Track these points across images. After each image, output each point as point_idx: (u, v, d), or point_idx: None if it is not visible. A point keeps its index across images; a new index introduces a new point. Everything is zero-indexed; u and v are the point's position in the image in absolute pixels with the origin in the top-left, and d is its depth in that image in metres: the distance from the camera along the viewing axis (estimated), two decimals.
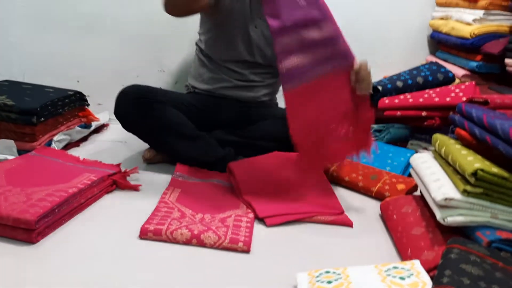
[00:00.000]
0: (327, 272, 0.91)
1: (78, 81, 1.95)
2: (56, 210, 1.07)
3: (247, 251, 1.07)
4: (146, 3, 1.92)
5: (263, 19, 1.59)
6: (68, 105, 1.63)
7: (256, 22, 1.62)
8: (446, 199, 1.02)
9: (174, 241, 1.07)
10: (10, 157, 1.36)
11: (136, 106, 1.48)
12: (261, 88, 1.72)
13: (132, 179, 1.39)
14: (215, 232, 1.09)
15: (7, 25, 1.85)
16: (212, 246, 1.07)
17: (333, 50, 1.23)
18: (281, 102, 1.96)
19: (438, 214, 1.04)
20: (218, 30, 1.63)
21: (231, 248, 1.07)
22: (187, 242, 1.07)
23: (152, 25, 1.95)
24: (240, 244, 1.07)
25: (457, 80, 2.01)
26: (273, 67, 1.70)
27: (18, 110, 1.42)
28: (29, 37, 1.88)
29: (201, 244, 1.07)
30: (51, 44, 1.91)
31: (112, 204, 1.25)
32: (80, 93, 1.70)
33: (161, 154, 1.58)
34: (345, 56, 1.25)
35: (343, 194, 1.51)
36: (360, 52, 2.19)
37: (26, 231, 1.00)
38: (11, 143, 1.40)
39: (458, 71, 2.03)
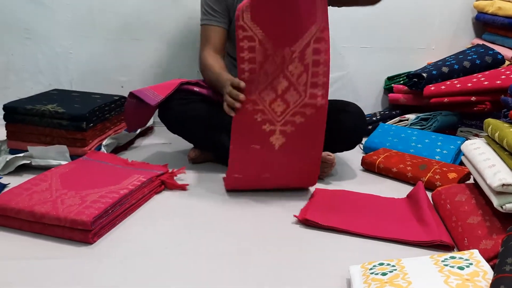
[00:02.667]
0: (381, 264, 0.89)
1: (122, 87, 2.01)
2: (110, 211, 1.10)
3: None
4: (184, 6, 1.95)
5: None
6: (115, 110, 1.68)
7: None
8: (503, 185, 0.97)
9: None
10: (63, 162, 1.41)
11: (179, 108, 1.50)
12: None
13: (179, 179, 1.42)
14: None
15: (54, 37, 1.93)
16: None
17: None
18: None
19: (495, 201, 1.00)
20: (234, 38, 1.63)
21: None
22: None
23: (191, 27, 1.98)
24: None
25: (506, 62, 1.92)
26: None
27: (69, 117, 1.47)
28: (74, 47, 1.95)
29: None
30: (96, 53, 1.98)
31: (161, 203, 1.28)
32: (125, 98, 1.74)
33: (205, 154, 1.60)
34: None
35: (391, 186, 1.48)
36: (402, 39, 2.17)
37: (83, 232, 1.04)
38: (64, 148, 1.45)
39: (508, 53, 1.94)
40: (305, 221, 1.16)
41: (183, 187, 1.37)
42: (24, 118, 1.49)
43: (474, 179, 1.21)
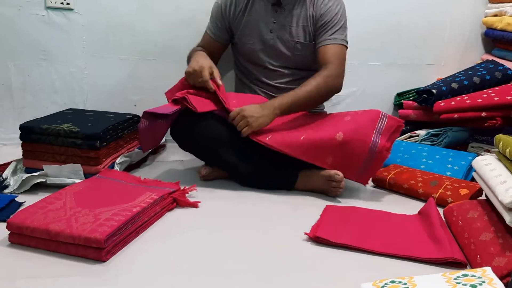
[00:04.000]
0: (393, 281, 0.89)
1: (135, 105, 2.04)
2: (123, 229, 1.11)
3: None
4: (195, 27, 1.99)
5: (277, 23, 1.65)
6: (127, 129, 1.71)
7: (270, 27, 1.66)
8: None
9: None
10: (77, 181, 1.44)
11: (190, 126, 1.53)
12: None
13: (190, 196, 1.43)
14: None
15: (69, 57, 1.97)
16: None
17: None
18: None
19: (508, 218, 1.00)
20: (239, 47, 1.72)
21: None
22: None
23: None
24: None
25: None
26: (301, 69, 1.71)
27: (83, 136, 1.50)
28: (89, 67, 1.99)
29: None
30: (109, 72, 2.01)
31: (173, 221, 1.29)
32: (138, 117, 1.77)
33: (217, 171, 1.62)
34: None
35: (402, 202, 1.48)
36: (411, 55, 2.18)
37: (96, 250, 1.05)
38: (78, 167, 1.48)
39: None
40: (316, 239, 1.16)
41: (194, 205, 1.38)
42: (40, 137, 1.52)
43: (486, 195, 1.20)
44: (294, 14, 1.64)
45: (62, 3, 1.90)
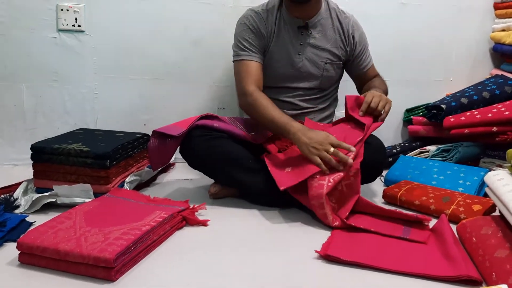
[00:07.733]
0: None
1: (145, 124, 2.06)
2: (132, 248, 1.11)
3: None
4: (204, 48, 2.02)
5: (304, 45, 1.67)
6: (137, 148, 1.72)
7: (298, 50, 1.67)
8: None
9: None
10: (87, 200, 1.44)
11: (200, 144, 1.54)
12: (315, 114, 1.74)
13: (200, 215, 1.43)
14: None
15: (80, 79, 2.00)
16: None
17: None
18: None
19: None
20: (267, 71, 1.69)
21: None
22: None
23: (210, 68, 2.06)
24: None
25: None
26: (322, 89, 1.74)
27: (93, 155, 1.51)
28: (99, 88, 2.02)
29: None
30: (119, 93, 2.04)
31: (183, 239, 1.28)
32: (148, 135, 1.78)
33: (226, 189, 1.61)
34: None
35: None
36: (420, 71, 2.18)
37: (106, 269, 1.04)
38: (87, 186, 1.49)
39: None
40: (326, 257, 1.15)
41: (204, 223, 1.38)
42: (51, 157, 1.53)
43: (500, 211, 1.18)
44: (321, 35, 1.68)
45: (73, 25, 1.94)
